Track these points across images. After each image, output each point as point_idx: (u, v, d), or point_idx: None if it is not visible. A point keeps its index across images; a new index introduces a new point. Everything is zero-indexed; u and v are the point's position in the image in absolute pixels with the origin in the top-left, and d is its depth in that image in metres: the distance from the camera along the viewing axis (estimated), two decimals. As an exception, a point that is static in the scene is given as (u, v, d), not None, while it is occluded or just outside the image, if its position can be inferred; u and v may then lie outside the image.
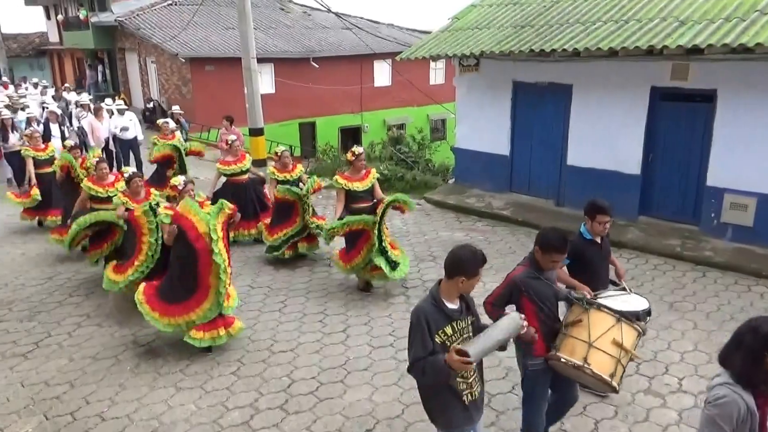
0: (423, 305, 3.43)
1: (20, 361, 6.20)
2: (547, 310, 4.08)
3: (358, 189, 7.43)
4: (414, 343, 3.36)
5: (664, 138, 9.25)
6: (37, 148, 10.40)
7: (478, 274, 3.39)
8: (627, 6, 9.58)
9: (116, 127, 13.71)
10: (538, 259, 4.05)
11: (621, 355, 3.92)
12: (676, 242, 8.70)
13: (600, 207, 4.86)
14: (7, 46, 31.75)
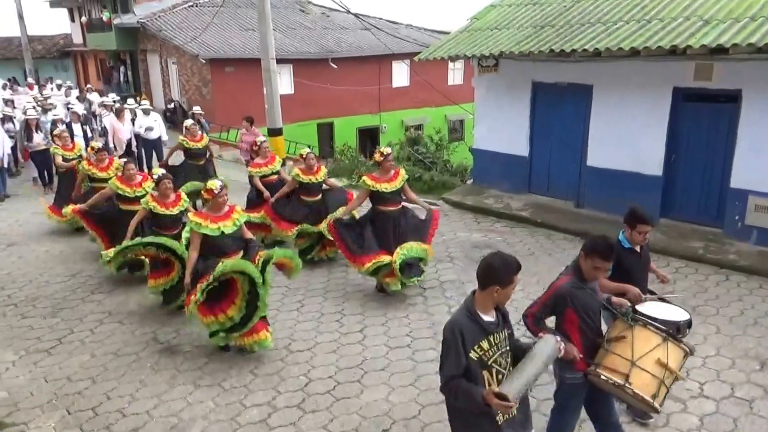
0: (457, 318, 3.27)
1: (44, 357, 6.31)
2: (590, 323, 3.94)
3: (386, 190, 7.22)
4: (447, 360, 3.20)
5: (686, 139, 9.13)
6: (65, 147, 10.56)
7: (513, 282, 3.23)
8: (649, 5, 9.47)
9: (141, 127, 13.89)
10: (582, 267, 3.91)
11: (665, 375, 3.76)
12: (698, 245, 8.59)
13: (641, 216, 4.64)
14: (32, 48, 32.14)
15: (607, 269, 3.94)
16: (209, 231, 5.83)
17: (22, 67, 31.02)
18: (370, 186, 7.21)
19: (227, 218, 5.99)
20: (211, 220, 5.88)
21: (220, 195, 5.98)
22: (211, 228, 5.84)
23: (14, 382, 5.83)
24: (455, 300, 7.30)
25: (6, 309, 7.51)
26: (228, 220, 5.98)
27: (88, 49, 33.13)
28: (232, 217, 6.04)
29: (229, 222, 5.98)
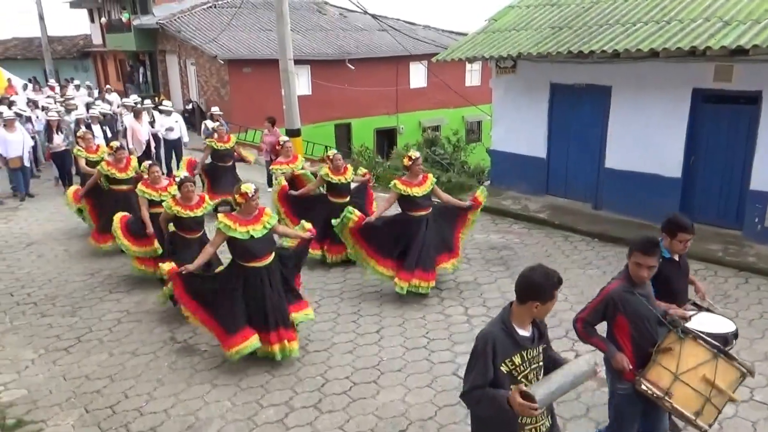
0: (492, 330, 3.15)
1: (62, 355, 6.38)
2: (643, 331, 3.81)
3: (417, 194, 7.18)
4: (474, 369, 3.09)
5: (706, 140, 9.04)
6: (89, 149, 10.47)
7: (554, 297, 3.11)
8: (669, 6, 9.39)
9: (162, 127, 13.92)
10: (629, 268, 3.81)
11: (711, 393, 3.61)
12: (717, 247, 8.49)
13: (682, 224, 4.35)
14: (52, 48, 32.51)
15: (650, 267, 3.76)
16: (238, 234, 5.70)
17: (43, 67, 31.38)
18: (402, 190, 7.17)
19: (257, 221, 5.85)
20: (240, 224, 5.76)
21: (254, 198, 5.81)
22: (240, 232, 5.72)
23: (33, 380, 5.90)
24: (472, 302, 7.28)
25: (26, 307, 7.61)
26: (258, 224, 5.83)
27: (108, 49, 33.44)
28: (262, 220, 5.88)
29: (259, 225, 5.83)
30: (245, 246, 5.74)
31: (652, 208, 9.48)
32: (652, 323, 3.84)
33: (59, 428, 5.15)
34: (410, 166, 7.26)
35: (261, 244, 5.82)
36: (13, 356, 6.38)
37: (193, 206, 6.96)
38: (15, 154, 12.49)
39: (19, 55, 35.40)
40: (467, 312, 7.08)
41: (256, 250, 5.80)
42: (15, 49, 36.28)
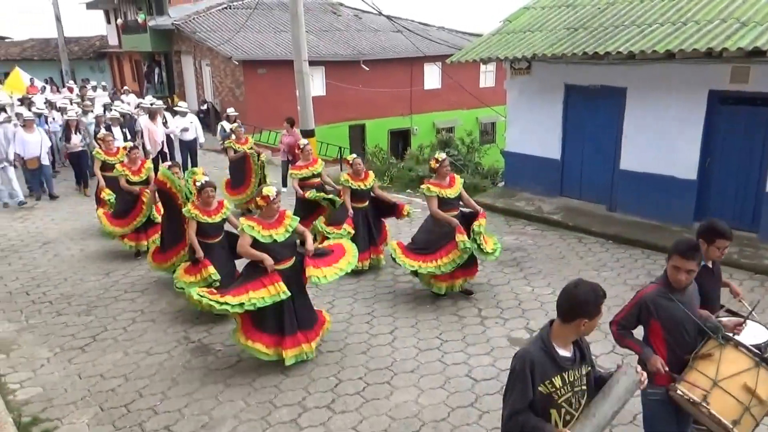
0: (530, 350, 3.01)
1: (78, 354, 6.43)
2: (679, 337, 3.69)
3: (450, 196, 7.13)
4: (513, 393, 2.97)
5: (722, 142, 8.96)
6: (108, 152, 10.29)
7: (601, 311, 2.99)
8: (685, 7, 9.33)
9: (177, 128, 13.92)
10: (668, 272, 3.69)
11: (752, 403, 3.45)
12: (733, 249, 8.40)
13: (721, 231, 4.18)
14: (69, 49, 32.79)
15: (688, 271, 3.62)
16: (260, 237, 5.69)
17: (59, 68, 31.66)
18: (437, 192, 7.11)
19: (279, 225, 5.83)
20: (263, 227, 5.74)
21: (275, 201, 5.78)
22: (263, 235, 5.70)
23: (49, 379, 5.95)
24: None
25: (42, 306, 7.67)
26: (280, 227, 5.81)
27: (124, 50, 33.67)
28: (284, 223, 5.86)
29: (281, 229, 5.81)
30: (267, 249, 5.70)
31: (667, 210, 9.45)
32: (689, 330, 3.71)
33: (74, 426, 5.18)
34: (437, 168, 7.20)
35: (283, 247, 5.80)
36: (29, 354, 6.43)
37: (211, 212, 6.92)
38: (33, 154, 12.56)
39: (36, 56, 35.72)
40: (480, 313, 7.06)
41: (278, 255, 5.74)
42: (32, 49, 36.63)
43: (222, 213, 6.99)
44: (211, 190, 6.89)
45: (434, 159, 7.32)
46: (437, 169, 7.22)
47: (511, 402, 2.98)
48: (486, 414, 5.14)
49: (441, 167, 7.19)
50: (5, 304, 7.75)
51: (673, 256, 3.64)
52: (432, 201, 7.15)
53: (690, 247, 3.61)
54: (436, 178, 7.26)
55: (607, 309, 6.53)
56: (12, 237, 10.54)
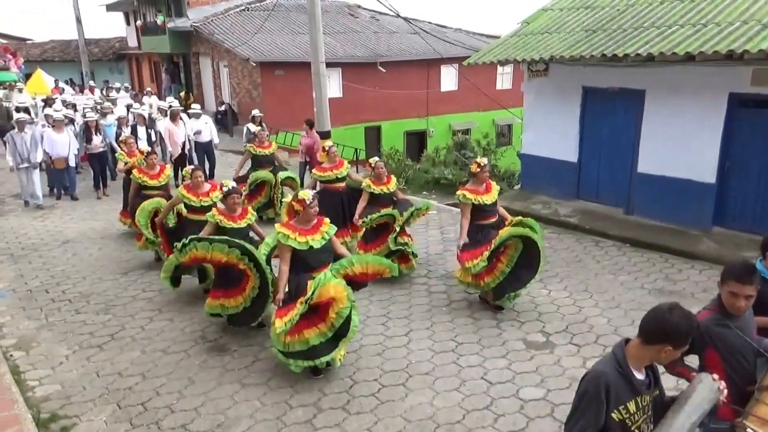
0: (605, 371, 2.80)
1: (96, 352, 6.49)
2: (737, 365, 3.42)
3: (487, 203, 6.85)
4: (584, 416, 2.77)
5: (742, 146, 8.85)
6: (131, 154, 10.10)
7: (687, 344, 2.79)
8: (706, 9, 9.23)
9: (191, 130, 13.89)
10: (722, 298, 3.40)
11: None
12: (752, 254, 8.26)
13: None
14: (89, 51, 33.21)
15: (746, 296, 3.32)
16: (296, 245, 5.48)
17: (79, 69, 32.04)
18: (472, 200, 6.85)
19: (315, 231, 5.65)
20: (300, 233, 5.55)
21: (312, 206, 5.59)
22: (299, 242, 5.50)
23: (68, 376, 6.01)
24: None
25: (61, 304, 7.76)
26: (316, 234, 5.63)
27: (143, 51, 34.01)
28: (321, 230, 5.68)
29: (318, 235, 5.63)
30: (303, 257, 5.55)
31: (685, 213, 9.35)
32: (748, 357, 3.45)
33: (92, 423, 5.23)
34: (477, 173, 6.93)
35: (319, 255, 5.63)
36: (48, 352, 6.50)
37: (236, 217, 6.71)
38: (60, 154, 12.66)
39: (57, 57, 36.23)
40: (496, 316, 7.04)
41: (314, 262, 5.60)
42: (53, 51, 37.16)
43: (247, 218, 6.79)
44: (238, 197, 6.71)
45: (476, 163, 7.04)
46: (477, 174, 6.95)
47: (580, 424, 2.79)
48: (501, 417, 5.13)
49: (481, 172, 6.93)
50: (26, 302, 7.85)
51: (728, 281, 3.35)
52: (466, 209, 6.88)
53: (747, 270, 3.33)
54: (473, 183, 7.00)
55: (625, 313, 6.53)
56: (32, 236, 10.67)
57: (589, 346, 6.28)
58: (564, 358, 6.06)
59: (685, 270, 8.15)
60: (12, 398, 5.41)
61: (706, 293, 7.36)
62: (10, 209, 12.60)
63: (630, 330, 6.50)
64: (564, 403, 5.24)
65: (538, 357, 6.11)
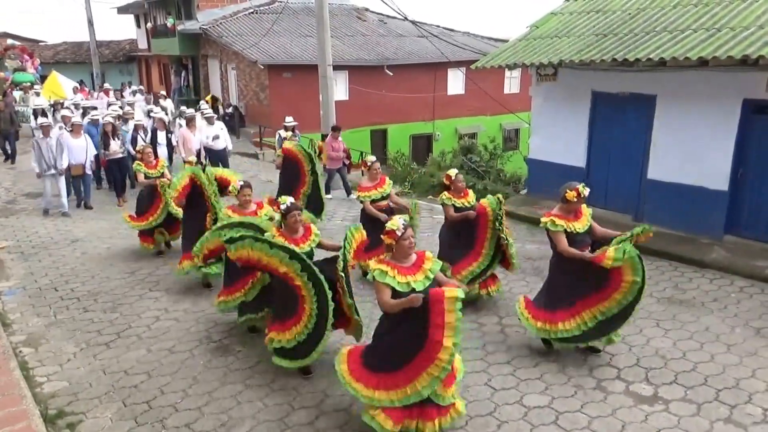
0: None
1: (103, 350, 6.51)
2: None
3: (579, 230, 5.97)
4: None
5: (756, 153, 8.75)
6: (148, 165, 9.46)
7: None
8: (720, 13, 9.15)
9: (208, 137, 13.35)
10: None
11: None
12: (765, 264, 8.22)
13: None
14: (100, 53, 33.44)
15: None
16: (396, 286, 4.52)
17: (90, 70, 32.25)
18: (563, 227, 5.95)
19: (417, 269, 4.67)
20: (399, 272, 4.58)
21: (405, 237, 4.61)
22: (399, 282, 4.54)
23: (75, 373, 6.03)
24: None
25: (69, 302, 7.79)
26: (419, 272, 4.65)
27: (152, 54, 34.18)
28: (424, 267, 4.69)
29: (421, 275, 4.64)
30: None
31: (696, 221, 9.27)
32: None
33: (98, 420, 5.25)
34: (577, 200, 5.96)
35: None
36: (56, 349, 6.54)
37: (299, 239, 5.77)
38: (78, 160, 12.04)
39: (69, 59, 36.50)
40: (501, 321, 7.00)
41: (417, 307, 4.50)
42: (65, 52, 37.48)
43: (311, 240, 5.88)
44: (299, 214, 5.79)
45: (575, 189, 5.95)
46: (572, 201, 5.99)
47: None
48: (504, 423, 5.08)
49: (579, 200, 5.98)
50: (35, 300, 7.90)
51: None
52: (560, 237, 5.95)
53: None
54: (561, 210, 6.09)
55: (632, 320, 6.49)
56: (42, 234, 10.74)
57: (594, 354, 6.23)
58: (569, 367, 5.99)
59: (695, 279, 8.07)
60: (21, 394, 5.44)
61: (716, 302, 7.30)
62: (22, 208, 12.67)
63: (638, 338, 6.45)
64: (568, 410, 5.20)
65: (543, 365, 6.05)
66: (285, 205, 5.73)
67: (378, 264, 4.64)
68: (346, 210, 12.14)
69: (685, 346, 6.27)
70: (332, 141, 12.92)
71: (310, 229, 5.94)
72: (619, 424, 5.02)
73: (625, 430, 4.95)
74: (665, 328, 6.68)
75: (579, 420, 5.09)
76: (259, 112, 23.70)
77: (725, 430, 4.93)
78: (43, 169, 11.59)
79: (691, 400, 5.32)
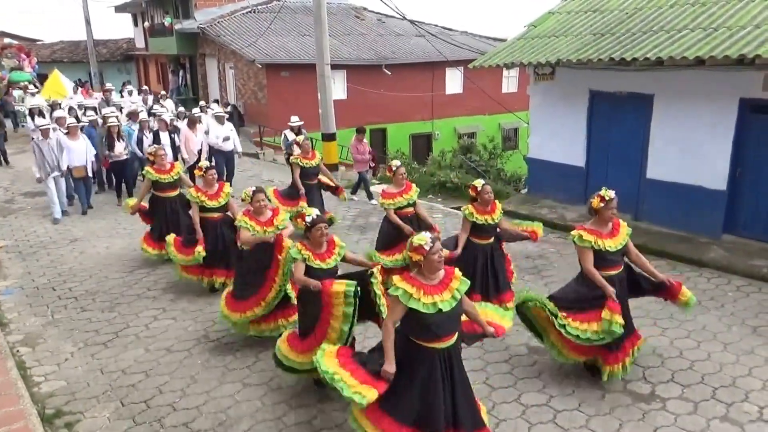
0: None
1: (101, 349, 6.52)
2: None
3: (609, 249, 5.37)
4: None
5: (754, 152, 8.77)
6: (160, 170, 8.76)
7: None
8: (717, 13, 9.17)
9: (217, 138, 12.88)
10: None
11: None
12: (762, 263, 8.23)
13: None
14: (97, 51, 33.38)
15: None
16: (421, 307, 4.10)
17: (87, 69, 32.19)
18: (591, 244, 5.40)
19: (445, 288, 4.23)
20: (425, 291, 4.15)
21: (434, 252, 4.14)
22: (425, 303, 4.11)
23: (72, 373, 6.04)
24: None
25: (67, 302, 7.79)
26: (446, 292, 4.22)
27: (150, 53, 34.14)
28: (451, 286, 4.25)
29: (447, 294, 4.21)
30: (427, 322, 4.14)
31: (694, 220, 9.29)
32: None
33: (96, 420, 5.26)
34: (600, 209, 5.43)
35: (448, 319, 4.21)
36: (54, 348, 6.54)
37: (324, 254, 5.39)
38: (78, 163, 11.65)
39: (66, 58, 36.40)
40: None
41: (442, 330, 4.20)
42: (62, 52, 37.37)
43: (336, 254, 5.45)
44: (325, 227, 5.37)
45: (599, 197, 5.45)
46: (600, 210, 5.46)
47: None
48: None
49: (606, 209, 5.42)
50: (33, 299, 7.90)
51: None
52: (586, 254, 5.38)
53: None
54: (595, 223, 5.53)
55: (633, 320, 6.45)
56: (40, 234, 10.72)
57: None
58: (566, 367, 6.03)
59: (693, 278, 8.08)
60: (18, 393, 5.45)
61: (713, 301, 7.31)
62: (20, 207, 12.64)
63: (636, 335, 6.46)
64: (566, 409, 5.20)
65: (540, 363, 6.07)
66: (311, 218, 5.31)
67: (402, 282, 4.20)
68: (346, 209, 12.11)
69: (683, 345, 6.29)
70: (357, 143, 12.60)
71: (334, 242, 5.51)
72: (617, 422, 5.04)
73: (622, 429, 4.97)
74: (662, 327, 6.69)
75: (577, 418, 5.10)
76: (258, 112, 23.70)
77: (722, 428, 4.95)
78: (47, 172, 11.21)
79: (688, 398, 5.34)
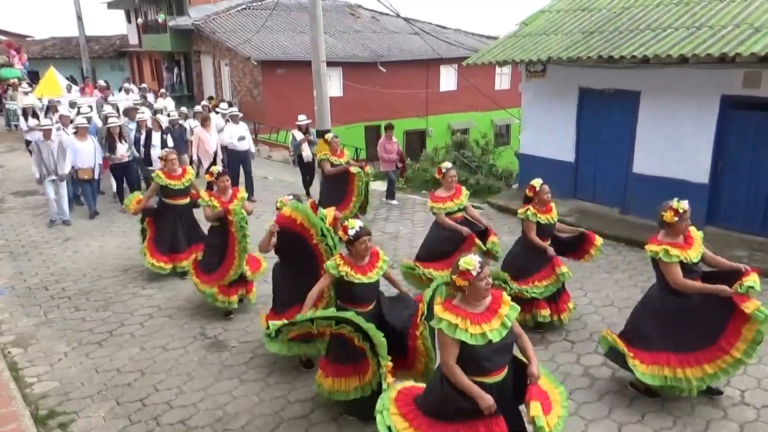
0: None
1: (95, 349, 6.54)
2: None
3: (694, 260, 5.15)
4: None
5: (734, 147, 8.98)
6: (171, 175, 8.17)
7: None
8: (699, 12, 9.35)
9: (232, 137, 12.40)
10: None
11: None
12: (743, 253, 8.40)
13: None
14: (89, 48, 33.18)
15: None
16: (469, 338, 3.62)
17: (80, 66, 32.03)
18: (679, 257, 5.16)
19: (493, 315, 3.74)
20: (471, 320, 3.67)
21: (482, 278, 3.68)
22: (472, 333, 3.63)
23: (66, 373, 6.04)
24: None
25: (60, 301, 7.79)
26: (494, 319, 3.73)
27: (144, 50, 34.09)
28: (500, 313, 3.75)
29: (497, 321, 3.72)
30: (476, 355, 3.67)
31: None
32: None
33: (90, 420, 5.26)
34: (675, 223, 5.17)
35: (498, 353, 3.74)
36: (47, 349, 6.53)
37: (365, 267, 4.89)
38: (86, 164, 11.22)
39: (57, 54, 36.18)
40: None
41: (491, 362, 3.72)
42: (53, 48, 37.14)
43: (378, 268, 4.95)
44: (368, 239, 4.86)
45: (672, 210, 5.24)
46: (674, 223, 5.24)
47: None
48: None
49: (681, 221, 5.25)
50: (24, 299, 7.86)
51: None
52: (673, 269, 5.10)
53: None
54: (669, 235, 5.31)
55: (619, 311, 6.60)
56: (32, 233, 10.68)
57: (583, 342, 6.40)
58: (559, 354, 6.18)
59: (678, 269, 8.21)
60: (10, 395, 5.42)
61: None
62: (10, 206, 12.55)
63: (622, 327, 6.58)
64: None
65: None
66: (354, 231, 4.78)
67: (446, 311, 3.73)
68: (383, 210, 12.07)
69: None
70: (386, 142, 12.45)
71: (378, 254, 5.01)
72: (606, 408, 5.20)
73: (612, 414, 5.13)
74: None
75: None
76: (253, 109, 23.76)
77: (705, 411, 5.12)
78: (43, 174, 10.81)
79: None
